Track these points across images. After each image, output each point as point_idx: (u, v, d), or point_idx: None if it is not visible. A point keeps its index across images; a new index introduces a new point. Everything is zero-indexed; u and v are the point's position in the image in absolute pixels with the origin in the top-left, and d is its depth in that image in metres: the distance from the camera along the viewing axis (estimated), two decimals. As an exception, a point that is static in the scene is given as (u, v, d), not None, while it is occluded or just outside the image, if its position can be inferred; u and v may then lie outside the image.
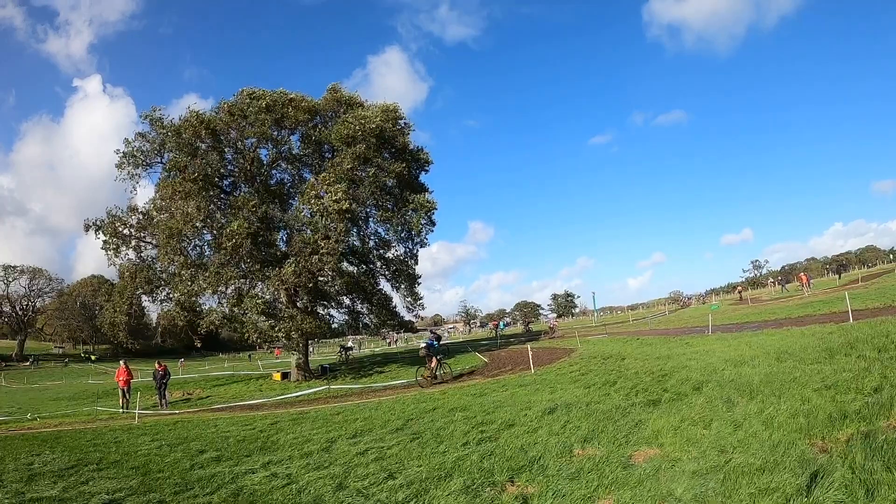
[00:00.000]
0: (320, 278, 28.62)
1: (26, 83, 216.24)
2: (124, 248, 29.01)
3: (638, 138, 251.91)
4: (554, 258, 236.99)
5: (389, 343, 68.22)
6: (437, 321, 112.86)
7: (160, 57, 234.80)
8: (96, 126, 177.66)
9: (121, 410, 20.13)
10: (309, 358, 31.72)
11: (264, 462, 8.37)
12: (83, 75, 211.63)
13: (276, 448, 9.56)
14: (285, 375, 30.22)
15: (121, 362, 23.20)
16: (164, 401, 21.96)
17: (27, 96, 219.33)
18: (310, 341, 33.20)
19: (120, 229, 28.89)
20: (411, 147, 32.17)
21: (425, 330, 52.30)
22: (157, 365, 23.36)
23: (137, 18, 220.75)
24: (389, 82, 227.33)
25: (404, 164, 30.04)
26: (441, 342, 32.55)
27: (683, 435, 7.05)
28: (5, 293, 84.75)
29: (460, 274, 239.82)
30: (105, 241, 28.60)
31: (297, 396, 20.64)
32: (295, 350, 29.57)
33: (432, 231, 32.07)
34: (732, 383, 9.73)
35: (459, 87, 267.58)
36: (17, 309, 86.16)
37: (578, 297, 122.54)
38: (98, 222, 28.87)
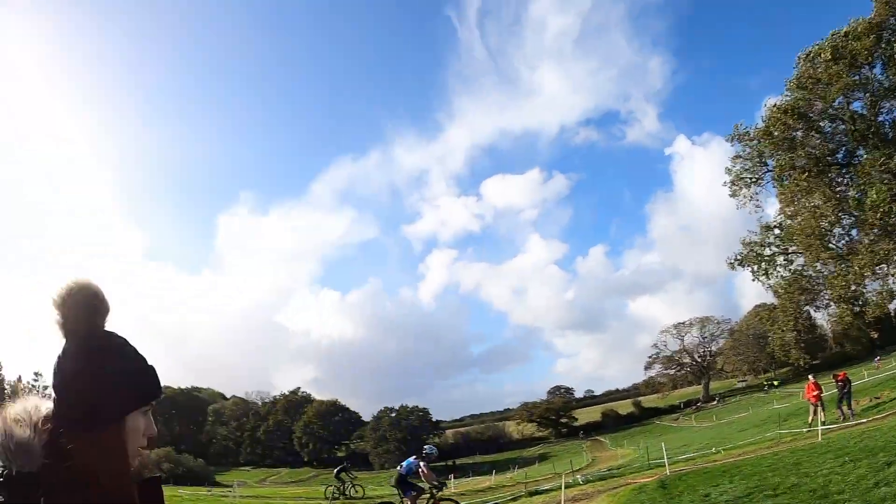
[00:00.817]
0: None
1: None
2: (772, 269, 29.26)
3: None
4: None
5: None
6: None
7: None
8: (702, 177, 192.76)
9: (804, 430, 20.02)
10: None
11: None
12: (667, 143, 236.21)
13: None
14: None
15: (809, 378, 23.00)
16: (849, 411, 20.87)
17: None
18: None
19: (760, 252, 29.35)
20: None
21: None
22: (833, 377, 22.53)
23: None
24: None
25: None
26: None
27: None
28: (682, 347, 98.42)
29: None
30: (753, 271, 29.36)
31: None
32: None
33: None
34: None
35: None
36: (696, 357, 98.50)
37: None
38: (738, 256, 29.85)
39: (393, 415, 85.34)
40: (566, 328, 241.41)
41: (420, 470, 13.63)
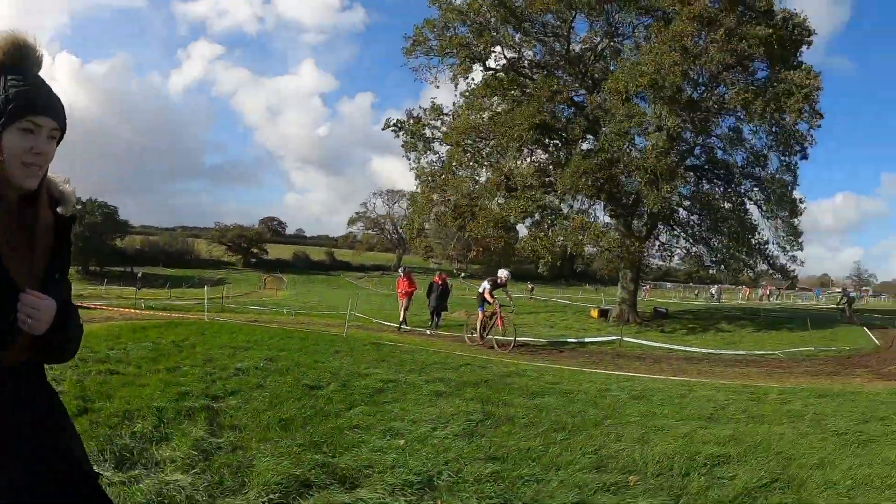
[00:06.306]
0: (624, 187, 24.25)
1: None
2: (426, 151, 27.87)
3: None
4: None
5: (762, 297, 57.17)
6: (825, 282, 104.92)
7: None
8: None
9: (399, 327, 19.00)
10: (638, 298, 26.69)
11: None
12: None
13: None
14: (603, 313, 27.30)
15: (400, 271, 21.78)
16: (436, 320, 19.93)
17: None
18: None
19: (421, 130, 27.69)
20: (779, 14, 24.44)
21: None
22: (436, 277, 20.94)
23: None
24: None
25: (771, 31, 22.97)
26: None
27: None
28: (388, 213, 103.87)
29: (863, 233, 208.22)
30: (405, 143, 27.80)
31: (576, 343, 18.04)
32: (627, 284, 26.73)
33: (818, 126, 23.24)
34: None
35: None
36: (399, 228, 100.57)
37: None
38: (399, 122, 27.97)
39: (78, 207, 78.82)
40: (307, 163, 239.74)
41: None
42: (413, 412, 5.94)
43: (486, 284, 16.23)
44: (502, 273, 16.43)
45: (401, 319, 19.33)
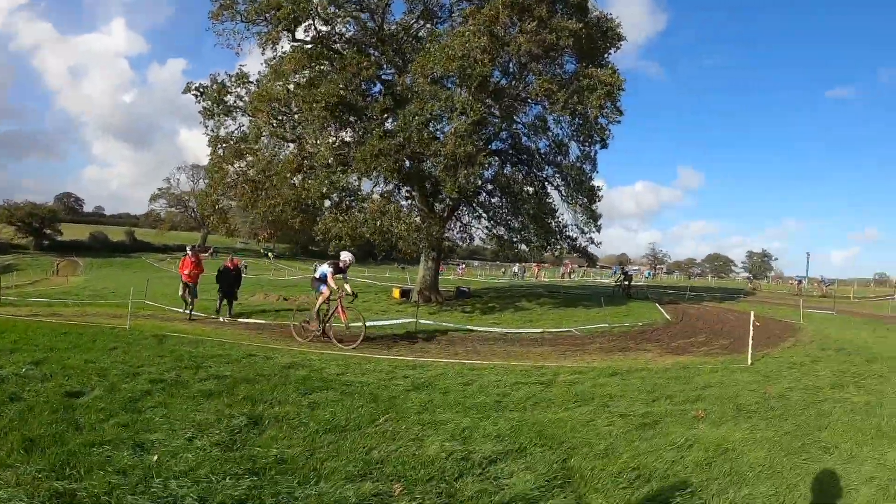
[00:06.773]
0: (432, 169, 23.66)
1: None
2: (226, 119, 25.37)
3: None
4: (760, 214, 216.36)
5: (563, 274, 62.29)
6: (623, 261, 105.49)
7: None
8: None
9: (186, 311, 17.37)
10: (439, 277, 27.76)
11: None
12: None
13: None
14: (405, 294, 27.08)
15: (188, 249, 19.37)
16: (223, 305, 18.62)
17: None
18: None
19: (223, 97, 25.12)
20: (594, 12, 25.65)
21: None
22: (228, 261, 19.78)
23: None
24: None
25: (582, 26, 23.23)
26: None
27: None
28: (192, 189, 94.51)
29: (661, 218, 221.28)
30: (205, 109, 25.19)
31: (372, 326, 15.83)
32: (428, 263, 26.98)
33: (618, 122, 25.31)
34: None
35: (699, 21, 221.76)
36: None
37: (776, 259, 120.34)
38: (201, 87, 25.35)
39: None
40: (111, 133, 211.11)
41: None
42: (174, 419, 5.56)
43: (326, 268, 14.22)
44: (346, 256, 14.50)
45: (190, 306, 17.27)
